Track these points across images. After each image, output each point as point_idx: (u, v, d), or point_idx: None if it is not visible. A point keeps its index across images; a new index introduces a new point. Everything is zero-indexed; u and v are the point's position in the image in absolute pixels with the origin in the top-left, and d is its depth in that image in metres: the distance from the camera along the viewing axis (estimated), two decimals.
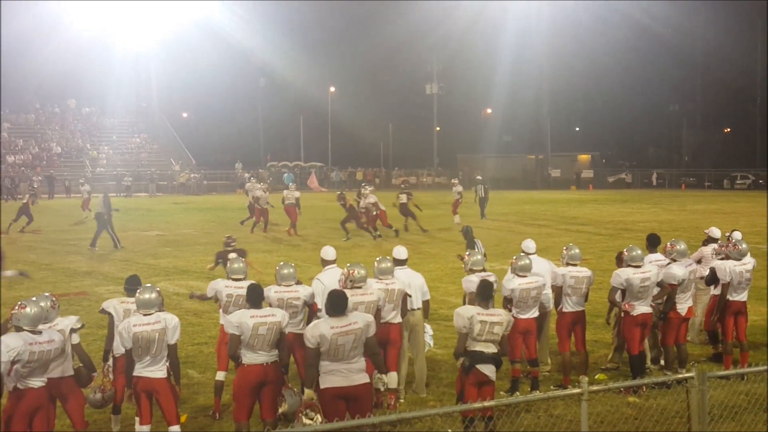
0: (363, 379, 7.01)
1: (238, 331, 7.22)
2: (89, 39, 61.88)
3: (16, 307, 6.82)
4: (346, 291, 7.76)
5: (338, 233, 25.51)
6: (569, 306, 9.52)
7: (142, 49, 65.41)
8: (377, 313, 8.28)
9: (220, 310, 8.80)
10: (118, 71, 62.35)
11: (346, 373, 6.92)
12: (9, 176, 51.19)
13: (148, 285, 7.62)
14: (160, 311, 7.41)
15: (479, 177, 35.04)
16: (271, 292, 8.39)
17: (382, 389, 7.48)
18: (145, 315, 7.28)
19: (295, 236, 25.83)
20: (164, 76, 69.78)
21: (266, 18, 69.22)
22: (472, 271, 9.40)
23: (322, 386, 6.91)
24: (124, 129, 65.88)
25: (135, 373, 7.24)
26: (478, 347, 7.46)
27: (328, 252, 9.42)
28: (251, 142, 75.10)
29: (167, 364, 7.32)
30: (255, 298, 7.48)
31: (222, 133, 74.66)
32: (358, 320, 7.03)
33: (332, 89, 76.64)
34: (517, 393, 9.05)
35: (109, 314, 8.04)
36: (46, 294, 7.48)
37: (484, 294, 7.67)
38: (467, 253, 9.92)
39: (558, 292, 9.55)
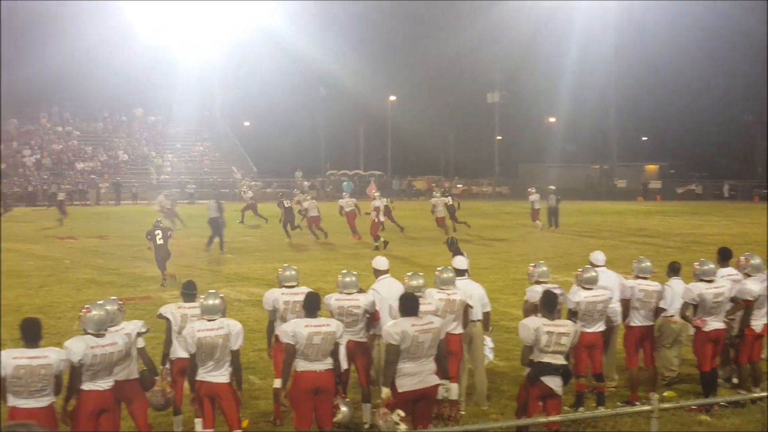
0: (435, 380, 7.09)
1: (293, 341, 7.23)
2: (155, 49, 63.17)
3: (83, 311, 6.96)
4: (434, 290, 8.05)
5: (394, 242, 25.39)
6: (638, 320, 9.29)
7: (206, 58, 66.46)
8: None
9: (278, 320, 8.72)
10: (183, 81, 63.47)
11: (422, 376, 7.00)
12: (79, 182, 52.51)
13: (212, 291, 7.67)
14: (223, 317, 7.46)
15: (552, 187, 34.61)
16: (332, 300, 8.46)
17: (445, 395, 7.44)
18: (209, 320, 7.34)
19: (353, 244, 25.80)
20: (227, 85, 70.80)
21: (327, 27, 69.72)
22: (538, 282, 9.26)
23: (399, 390, 6.94)
24: (188, 137, 66.94)
25: (198, 378, 7.31)
26: (546, 359, 7.35)
27: (381, 262, 9.43)
28: (311, 151, 75.55)
29: (230, 369, 7.35)
30: (311, 306, 7.49)
31: (282, 142, 75.17)
32: (434, 321, 7.19)
33: (392, 98, 76.68)
34: (582, 408, 8.88)
35: (167, 319, 8.14)
36: (113, 298, 7.66)
37: (549, 304, 7.57)
38: (532, 264, 9.74)
39: (626, 305, 9.32)
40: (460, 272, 9.26)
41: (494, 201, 56.77)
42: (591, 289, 8.94)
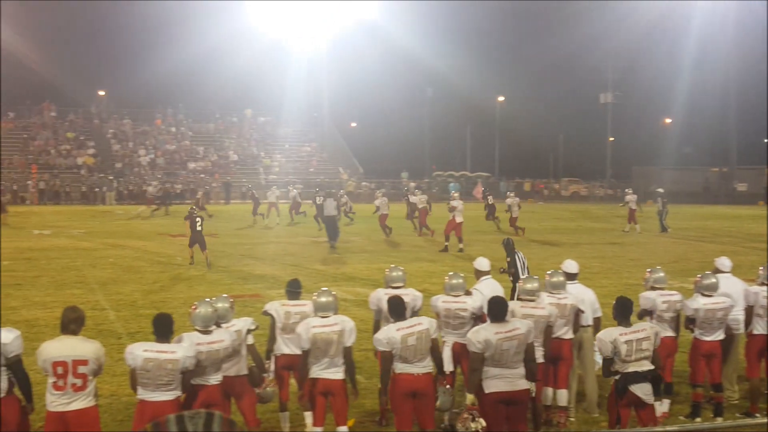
0: (525, 384, 7.02)
1: (388, 347, 7.15)
2: (265, 52, 64.65)
3: (191, 308, 7.12)
4: (517, 302, 7.86)
5: (487, 245, 24.95)
6: (761, 328, 8.78)
7: (314, 60, 67.41)
8: (548, 330, 8.07)
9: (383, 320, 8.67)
10: (291, 82, 64.76)
11: (510, 378, 6.91)
12: (190, 181, 54.16)
13: (325, 288, 7.74)
14: (335, 314, 7.50)
15: (660, 189, 33.54)
16: (439, 302, 8.40)
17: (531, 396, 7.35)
18: (323, 317, 7.37)
19: (458, 246, 25.55)
20: (335, 86, 71.69)
21: (436, 26, 69.72)
22: (653, 288, 8.89)
23: (486, 391, 6.91)
24: (296, 138, 68.08)
25: (313, 375, 7.33)
26: (631, 368, 7.09)
27: (483, 263, 9.36)
28: (417, 152, 75.62)
29: (343, 366, 7.39)
30: (398, 310, 7.41)
31: (389, 143, 75.63)
32: (520, 326, 7.04)
33: (501, 98, 75.87)
34: (698, 419, 8.52)
35: (271, 316, 8.20)
36: (224, 295, 7.75)
37: (622, 312, 7.32)
38: (649, 269, 9.34)
39: (749, 312, 8.82)
40: (570, 276, 9.04)
41: (606, 204, 55.30)
42: (711, 296, 8.57)
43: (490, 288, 8.82)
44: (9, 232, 28.27)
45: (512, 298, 10.52)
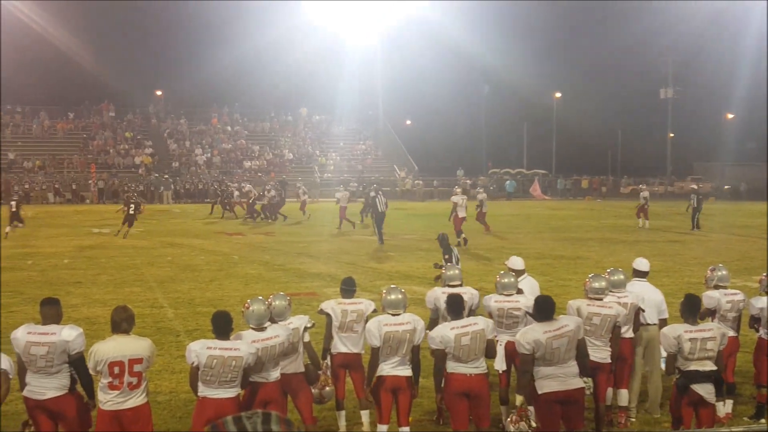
0: (579, 383, 6.91)
1: (441, 346, 7.10)
2: (319, 50, 64.93)
3: (245, 306, 7.15)
4: (584, 300, 7.84)
5: (556, 242, 24.62)
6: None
7: (369, 58, 67.42)
8: (617, 330, 7.96)
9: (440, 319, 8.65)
10: (346, 80, 64.81)
11: (563, 378, 6.81)
12: (245, 181, 54.56)
13: (394, 286, 7.76)
14: (405, 312, 7.53)
15: (694, 186, 33.07)
16: (491, 301, 8.38)
17: (588, 393, 7.25)
18: (393, 315, 7.37)
19: (515, 245, 25.25)
20: (389, 84, 71.57)
21: (491, 23, 69.12)
22: (717, 287, 8.75)
23: (539, 391, 6.81)
24: (350, 136, 68.13)
25: (382, 373, 7.34)
26: (693, 366, 6.95)
27: (518, 262, 9.33)
28: (473, 149, 75.13)
29: (410, 364, 7.44)
30: (456, 308, 7.36)
31: (444, 140, 75.25)
32: (569, 323, 6.95)
33: (558, 94, 74.94)
34: (763, 420, 8.36)
35: (327, 314, 8.21)
36: (281, 293, 7.78)
37: (690, 309, 7.23)
38: (711, 268, 9.09)
39: None
40: (640, 274, 9.03)
41: (666, 201, 54.20)
42: None
43: (529, 286, 8.83)
44: (69, 231, 28.82)
45: None
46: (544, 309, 6.94)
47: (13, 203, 27.26)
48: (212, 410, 6.49)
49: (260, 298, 7.29)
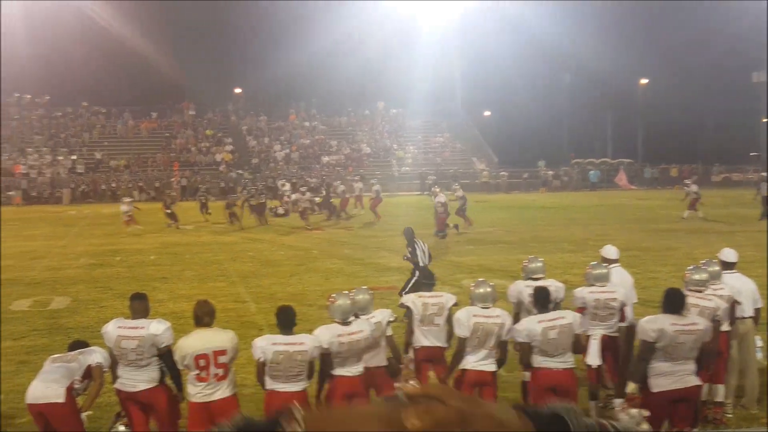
0: (695, 380, 6.76)
1: (527, 339, 7.03)
2: (396, 44, 64.75)
3: (329, 300, 7.21)
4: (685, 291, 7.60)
5: (643, 233, 23.94)
6: None
7: (446, 50, 67.04)
8: (716, 324, 7.65)
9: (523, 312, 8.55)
10: (423, 73, 64.46)
11: (680, 375, 6.65)
12: (323, 175, 54.97)
13: (482, 279, 7.73)
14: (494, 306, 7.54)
15: (764, 174, 31.61)
16: (585, 293, 8.23)
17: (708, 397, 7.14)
18: (483, 307, 7.35)
19: (598, 236, 24.66)
20: (467, 75, 70.96)
21: (571, 10, 67.69)
22: None
23: (654, 390, 6.65)
24: (428, 129, 67.85)
25: (466, 366, 7.32)
26: None
27: (611, 251, 9.17)
28: (555, 140, 73.88)
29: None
30: (543, 301, 7.27)
31: (524, 131, 74.15)
32: (699, 322, 6.80)
33: (643, 81, 73.04)
34: None
35: (408, 308, 8.20)
36: (364, 287, 7.89)
37: None
38: None
39: None
40: (728, 265, 8.66)
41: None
42: None
43: (619, 276, 8.71)
44: (154, 228, 29.48)
45: (405, 288, 11.60)
46: (674, 301, 6.76)
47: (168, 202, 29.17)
48: (280, 404, 6.44)
49: (345, 292, 7.37)
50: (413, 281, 12.90)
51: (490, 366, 7.30)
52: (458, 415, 1.02)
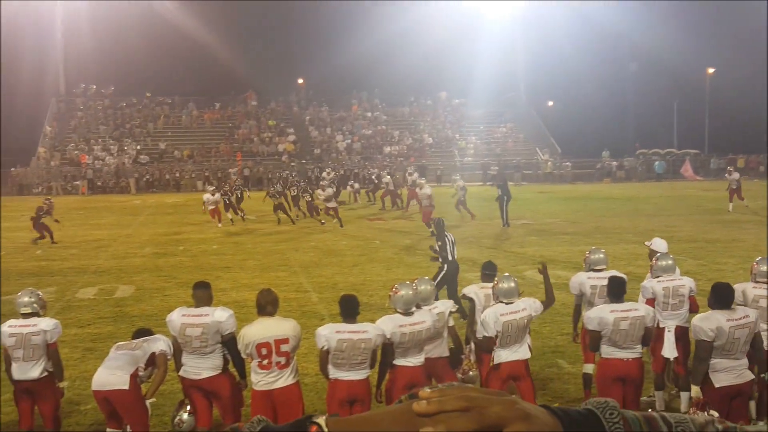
0: (750, 375, 6.69)
1: (598, 327, 6.96)
2: (457, 33, 64.26)
3: (392, 291, 7.19)
4: (750, 284, 7.53)
5: (709, 225, 23.32)
6: None
7: (509, 39, 66.32)
8: None
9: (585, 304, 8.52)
10: (486, 63, 63.76)
11: (739, 370, 6.57)
12: (385, 166, 54.94)
13: (507, 274, 7.66)
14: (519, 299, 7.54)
15: None
16: (653, 283, 8.16)
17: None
18: (507, 303, 7.31)
19: (662, 228, 24.14)
20: (530, 65, 70.10)
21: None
22: None
23: (717, 385, 6.54)
24: (491, 119, 67.28)
25: (499, 360, 7.29)
26: None
27: (661, 244, 9.09)
28: (619, 130, 72.51)
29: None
30: (617, 291, 7.20)
31: (588, 121, 72.86)
32: (749, 313, 6.68)
33: (711, 70, 71.18)
34: None
35: (470, 299, 8.23)
36: (426, 278, 7.90)
37: None
38: None
39: None
40: None
41: None
42: None
43: None
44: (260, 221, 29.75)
45: (436, 280, 10.94)
46: (725, 296, 6.61)
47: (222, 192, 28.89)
48: (344, 392, 6.68)
49: (408, 283, 7.32)
50: (442, 275, 12.75)
51: (525, 354, 7.31)
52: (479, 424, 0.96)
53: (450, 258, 12.96)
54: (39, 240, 22.60)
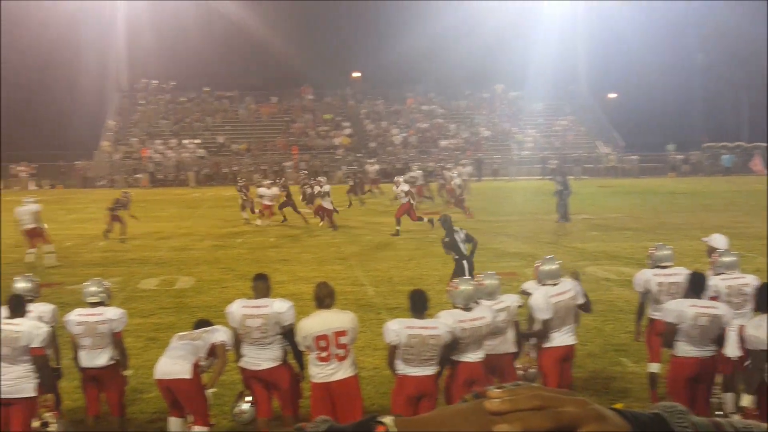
0: None
1: (676, 320, 6.83)
2: (515, 26, 63.51)
3: (451, 286, 7.21)
4: None
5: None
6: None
7: (568, 29, 65.26)
8: None
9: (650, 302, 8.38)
10: (544, 55, 62.86)
11: None
12: (440, 159, 54.75)
13: (550, 256, 7.75)
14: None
15: None
16: (717, 280, 7.99)
17: None
18: (554, 285, 7.40)
19: (733, 223, 23.52)
20: (591, 56, 68.92)
21: None
22: None
23: None
24: (550, 112, 66.39)
25: (554, 344, 7.33)
26: None
27: (720, 241, 8.93)
28: (685, 122, 70.92)
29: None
30: (697, 287, 7.11)
31: (652, 113, 71.49)
32: None
33: None
34: None
35: (530, 295, 8.05)
36: (491, 272, 7.83)
37: None
38: None
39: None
40: None
41: None
42: None
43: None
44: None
45: (456, 275, 11.14)
46: None
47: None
48: (412, 387, 6.65)
49: (467, 278, 7.21)
50: (459, 270, 12.64)
51: (573, 339, 7.49)
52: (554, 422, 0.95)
53: (464, 253, 13.00)
54: (108, 233, 22.11)
